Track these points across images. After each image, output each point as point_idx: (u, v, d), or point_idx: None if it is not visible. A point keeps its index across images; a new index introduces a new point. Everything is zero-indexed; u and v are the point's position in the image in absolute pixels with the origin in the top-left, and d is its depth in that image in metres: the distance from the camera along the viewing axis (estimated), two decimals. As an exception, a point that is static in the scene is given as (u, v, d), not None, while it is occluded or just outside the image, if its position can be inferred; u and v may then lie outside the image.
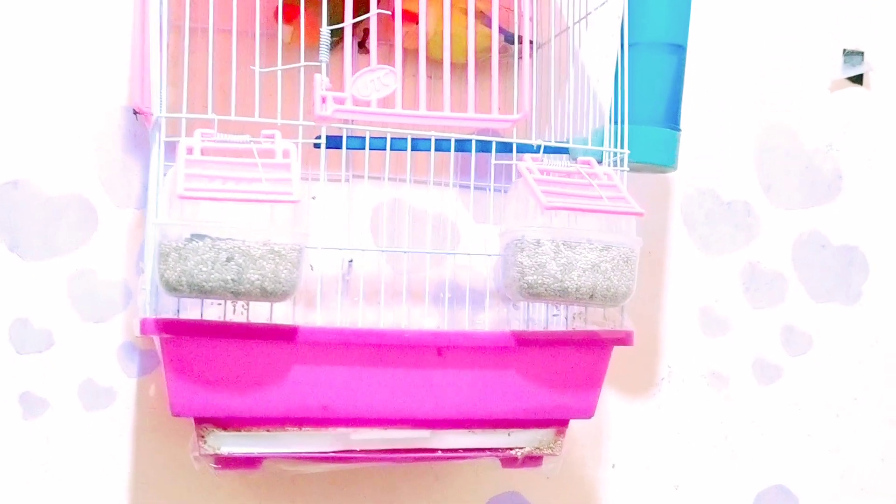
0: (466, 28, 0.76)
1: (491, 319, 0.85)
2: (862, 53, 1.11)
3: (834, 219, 1.10)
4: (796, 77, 1.09)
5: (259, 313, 0.76)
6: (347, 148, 0.79)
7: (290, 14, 0.85)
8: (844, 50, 1.10)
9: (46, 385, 0.90)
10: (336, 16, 0.74)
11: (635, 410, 1.04)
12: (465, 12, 0.77)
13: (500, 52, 0.79)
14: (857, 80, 1.11)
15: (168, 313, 0.74)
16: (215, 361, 0.73)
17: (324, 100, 0.73)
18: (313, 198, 0.86)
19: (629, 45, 0.83)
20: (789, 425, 1.08)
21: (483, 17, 0.84)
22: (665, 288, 1.05)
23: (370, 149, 0.79)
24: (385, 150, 0.79)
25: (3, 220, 0.89)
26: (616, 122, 0.82)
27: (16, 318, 0.89)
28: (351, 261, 0.87)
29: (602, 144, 0.82)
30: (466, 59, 0.75)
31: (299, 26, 0.83)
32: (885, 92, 1.12)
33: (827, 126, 1.10)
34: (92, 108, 0.91)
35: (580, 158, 0.80)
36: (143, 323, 0.72)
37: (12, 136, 0.90)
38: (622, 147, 0.81)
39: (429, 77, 0.76)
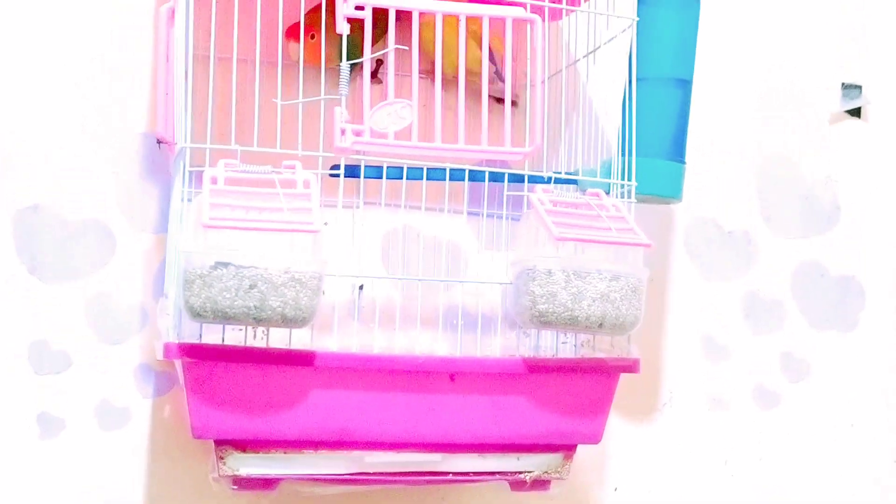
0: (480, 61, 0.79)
1: (500, 344, 0.87)
2: (860, 87, 1.13)
3: (832, 249, 1.12)
4: (796, 109, 1.12)
5: (278, 337, 0.78)
6: (365, 177, 0.81)
7: (297, 32, 0.88)
8: (843, 83, 1.13)
9: (63, 405, 0.92)
10: (351, 46, 0.76)
11: (638, 434, 1.06)
12: (479, 43, 0.80)
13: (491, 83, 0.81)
14: (856, 113, 1.14)
15: (190, 337, 0.76)
16: (236, 385, 0.75)
17: (343, 132, 0.75)
18: (325, 223, 0.88)
19: (637, 80, 0.86)
20: (788, 450, 1.10)
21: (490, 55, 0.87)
22: (667, 314, 1.08)
23: (387, 178, 0.81)
24: (400, 178, 0.81)
25: (23, 243, 0.91)
26: (624, 155, 0.85)
27: (35, 340, 0.91)
28: (361, 286, 0.89)
29: (610, 176, 0.85)
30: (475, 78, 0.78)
31: (309, 46, 0.85)
32: (882, 125, 1.15)
33: (826, 158, 1.13)
34: (111, 133, 0.93)
35: (589, 190, 0.83)
36: (167, 347, 0.74)
37: (33, 160, 0.92)
38: (630, 179, 0.84)
39: (446, 107, 0.79)
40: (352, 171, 0.82)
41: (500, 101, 0.91)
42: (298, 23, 0.89)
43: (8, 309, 0.91)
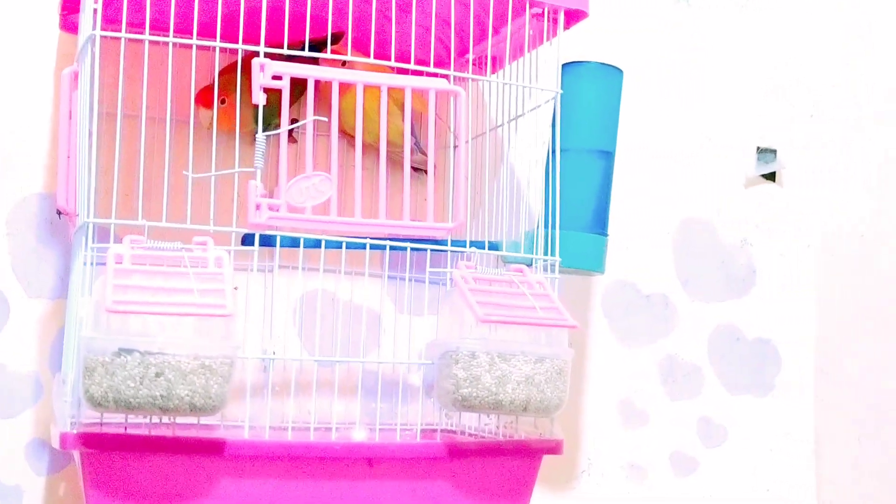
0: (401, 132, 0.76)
1: (414, 412, 0.84)
2: (775, 151, 1.14)
3: (748, 312, 1.12)
4: (713, 174, 1.12)
5: (185, 418, 0.74)
6: (282, 247, 0.77)
7: (208, 99, 0.84)
8: (758, 148, 1.14)
9: (-52, 485, 0.86)
10: (267, 112, 0.73)
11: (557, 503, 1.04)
12: (401, 110, 0.77)
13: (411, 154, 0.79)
14: (771, 177, 1.14)
15: (89, 422, 0.71)
16: (140, 476, 0.71)
17: (258, 206, 0.72)
18: (235, 288, 0.84)
19: (559, 151, 0.84)
20: (705, 517, 1.10)
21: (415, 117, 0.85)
22: (586, 380, 1.06)
23: (305, 247, 0.78)
24: (317, 248, 0.78)
25: None
26: (547, 227, 0.83)
27: (-83, 415, 0.85)
28: (274, 352, 0.85)
29: (532, 248, 0.83)
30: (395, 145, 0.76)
31: (220, 112, 0.82)
32: (796, 189, 1.15)
33: (742, 221, 1.13)
34: (4, 194, 0.88)
35: (512, 266, 0.80)
36: (63, 437, 0.68)
37: (-80, 222, 0.86)
38: (553, 254, 0.82)
39: (364, 169, 0.76)
40: (266, 240, 0.78)
41: (418, 170, 0.89)
42: (208, 87, 0.85)
43: None
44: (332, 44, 0.87)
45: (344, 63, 0.86)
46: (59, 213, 0.83)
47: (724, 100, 1.13)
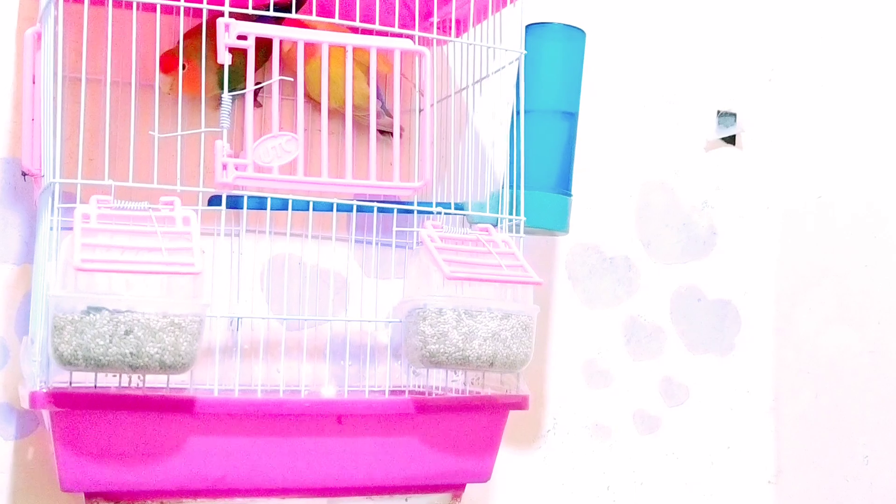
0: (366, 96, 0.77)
1: (389, 379, 0.85)
2: (735, 115, 1.16)
3: (709, 273, 1.14)
4: (674, 137, 1.14)
5: (154, 377, 0.74)
6: (249, 208, 0.78)
7: (169, 64, 0.84)
8: (718, 111, 1.15)
9: (-85, 450, 0.86)
10: (232, 74, 0.73)
11: (522, 462, 1.05)
12: (367, 73, 0.78)
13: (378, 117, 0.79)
14: (731, 140, 1.16)
15: (58, 382, 0.71)
16: (109, 434, 0.71)
17: (225, 166, 0.72)
18: (202, 251, 0.84)
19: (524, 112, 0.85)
20: (667, 475, 1.11)
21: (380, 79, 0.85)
22: (550, 341, 1.08)
23: (272, 209, 0.78)
24: (285, 210, 0.78)
25: None
26: (512, 188, 0.84)
27: None
28: (239, 318, 0.85)
29: (497, 209, 0.84)
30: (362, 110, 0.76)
31: (178, 77, 0.82)
32: (756, 152, 1.17)
33: (702, 184, 1.15)
34: (-32, 158, 0.88)
35: (478, 225, 0.81)
36: (33, 397, 0.69)
37: None
38: (518, 213, 0.83)
39: (331, 133, 0.76)
40: (233, 202, 0.79)
41: (385, 133, 0.89)
42: (170, 53, 0.85)
43: None
44: (296, 9, 0.88)
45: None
46: (24, 174, 0.83)
47: (685, 63, 1.14)
